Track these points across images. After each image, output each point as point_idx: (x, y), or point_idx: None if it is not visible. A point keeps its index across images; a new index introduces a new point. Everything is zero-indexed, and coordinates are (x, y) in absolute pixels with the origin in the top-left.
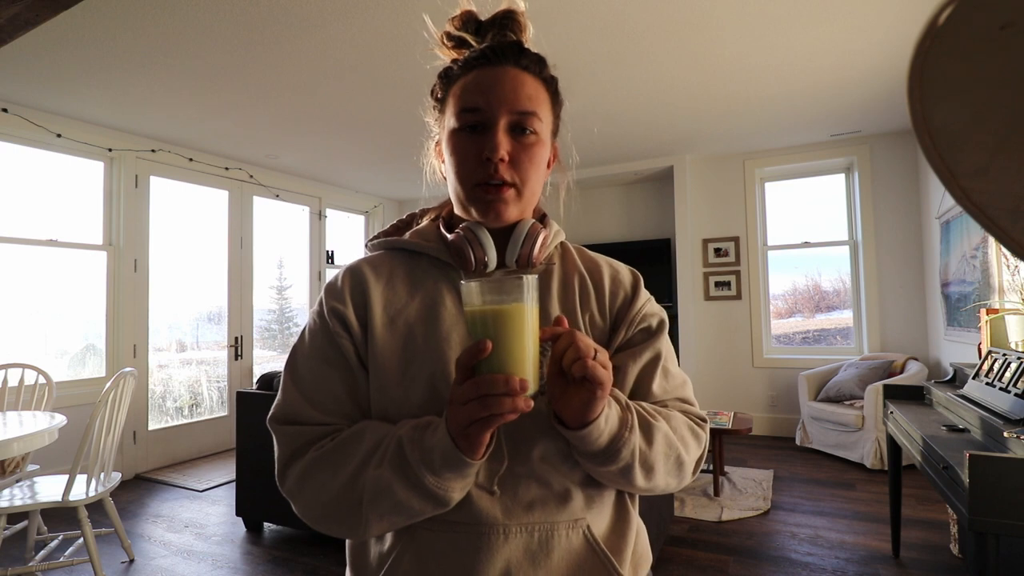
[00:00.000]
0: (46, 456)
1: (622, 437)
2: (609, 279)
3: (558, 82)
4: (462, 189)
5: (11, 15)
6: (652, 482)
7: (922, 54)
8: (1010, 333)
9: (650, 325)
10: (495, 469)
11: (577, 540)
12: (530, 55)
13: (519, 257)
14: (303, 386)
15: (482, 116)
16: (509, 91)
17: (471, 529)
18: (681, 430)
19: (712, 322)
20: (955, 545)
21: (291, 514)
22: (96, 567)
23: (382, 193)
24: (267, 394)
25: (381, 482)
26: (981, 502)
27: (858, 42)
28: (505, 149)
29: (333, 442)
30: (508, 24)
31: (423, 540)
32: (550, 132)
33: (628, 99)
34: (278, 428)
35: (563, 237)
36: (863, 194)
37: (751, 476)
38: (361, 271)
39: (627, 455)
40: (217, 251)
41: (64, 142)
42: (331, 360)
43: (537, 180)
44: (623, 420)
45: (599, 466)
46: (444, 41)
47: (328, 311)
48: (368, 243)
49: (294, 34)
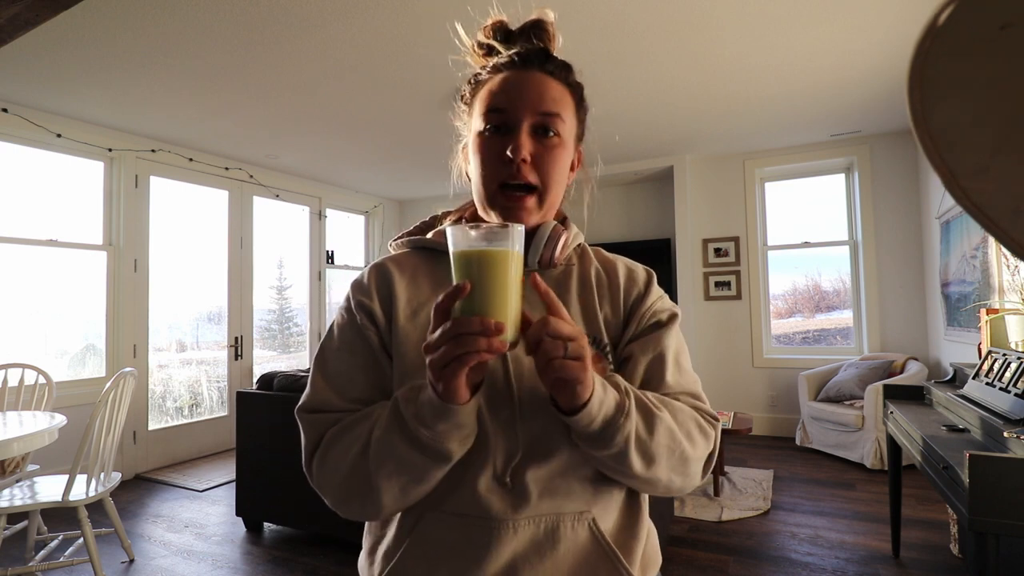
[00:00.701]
0: (46, 456)
1: (616, 422)
2: (625, 277)
3: (583, 89)
4: (485, 191)
5: (11, 15)
6: (652, 472)
7: (922, 54)
8: (1010, 333)
9: (661, 319)
10: (509, 459)
11: (583, 533)
12: (556, 61)
13: (541, 258)
14: (330, 377)
15: (506, 117)
16: (534, 94)
17: (481, 522)
18: (687, 424)
19: (712, 322)
20: (955, 545)
21: (291, 514)
22: (96, 567)
23: (382, 193)
24: (267, 394)
25: (383, 443)
26: (981, 502)
27: (858, 42)
28: (528, 150)
29: (346, 421)
30: (537, 33)
31: (433, 532)
32: (574, 136)
33: (628, 99)
34: (304, 417)
35: (582, 239)
36: (863, 194)
37: (751, 476)
38: (386, 268)
39: (620, 441)
40: (217, 251)
41: (64, 142)
42: (357, 351)
43: (559, 183)
44: (619, 405)
45: (593, 450)
46: (475, 49)
47: (355, 305)
48: (392, 242)
49: (294, 34)
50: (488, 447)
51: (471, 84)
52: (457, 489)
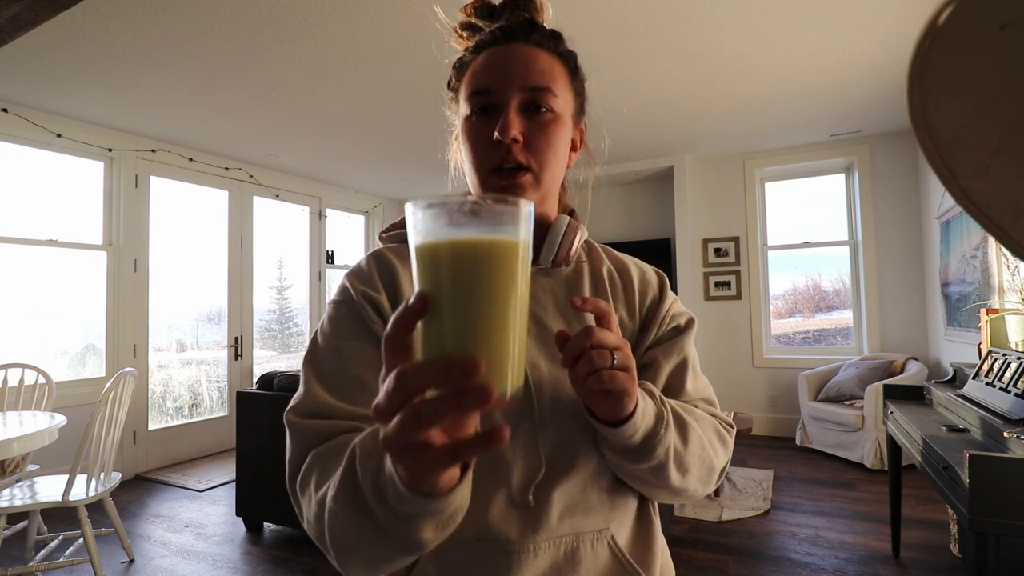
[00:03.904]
0: (46, 456)
1: (658, 434)
2: (638, 279)
3: (577, 57)
4: (477, 178)
5: (11, 15)
6: (685, 483)
7: (922, 54)
8: (1010, 333)
9: (679, 324)
10: (532, 477)
11: (603, 552)
12: (542, 30)
13: (556, 257)
14: (326, 377)
15: (492, 97)
16: (520, 68)
17: (500, 547)
18: (710, 433)
19: (712, 322)
20: (955, 545)
21: (291, 514)
22: (96, 567)
23: (382, 193)
24: (267, 394)
25: (337, 516)
26: (981, 502)
27: (858, 42)
28: (518, 129)
29: (325, 449)
30: (522, 4)
31: (447, 558)
32: (571, 111)
33: (628, 99)
34: (294, 423)
35: (587, 234)
36: (863, 194)
37: (751, 476)
38: (387, 257)
39: (661, 453)
40: (217, 251)
41: (64, 142)
42: (363, 347)
43: (556, 163)
44: (659, 416)
45: (631, 463)
46: (458, 32)
47: (358, 295)
48: (382, 234)
49: (294, 34)
50: (505, 466)
51: (456, 69)
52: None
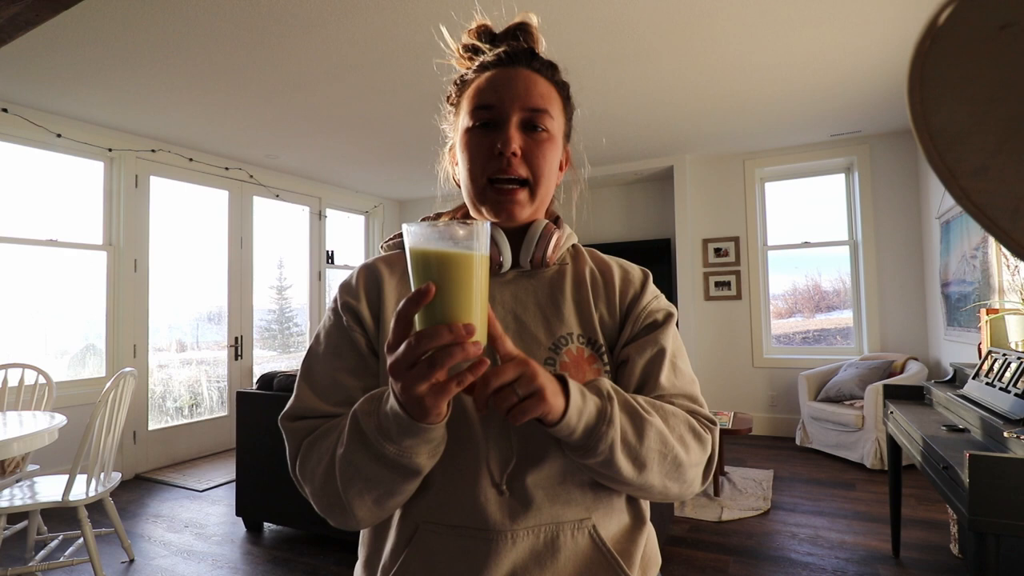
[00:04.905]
0: (46, 456)
1: (599, 430)
2: (620, 277)
3: (569, 88)
4: (474, 186)
5: (11, 15)
6: (644, 479)
7: (922, 54)
8: (1010, 333)
9: (657, 319)
10: (504, 466)
11: (583, 541)
12: (542, 60)
13: (533, 258)
14: (315, 383)
15: (495, 113)
16: (522, 89)
17: (479, 535)
18: (679, 429)
19: (712, 322)
20: (955, 545)
21: (291, 514)
22: (96, 567)
23: (382, 193)
24: (267, 394)
25: (347, 461)
26: (981, 502)
27: (858, 42)
28: (517, 144)
29: (319, 431)
30: (521, 35)
31: (430, 544)
32: (562, 134)
33: (628, 99)
34: (286, 425)
35: (576, 240)
36: (863, 194)
37: (751, 476)
38: (376, 267)
39: (605, 448)
40: (217, 251)
41: (64, 142)
42: (343, 354)
43: (549, 178)
44: (601, 412)
45: (579, 458)
46: (461, 52)
47: (342, 306)
48: (384, 244)
49: (294, 34)
50: (482, 455)
51: (457, 85)
52: (453, 500)
